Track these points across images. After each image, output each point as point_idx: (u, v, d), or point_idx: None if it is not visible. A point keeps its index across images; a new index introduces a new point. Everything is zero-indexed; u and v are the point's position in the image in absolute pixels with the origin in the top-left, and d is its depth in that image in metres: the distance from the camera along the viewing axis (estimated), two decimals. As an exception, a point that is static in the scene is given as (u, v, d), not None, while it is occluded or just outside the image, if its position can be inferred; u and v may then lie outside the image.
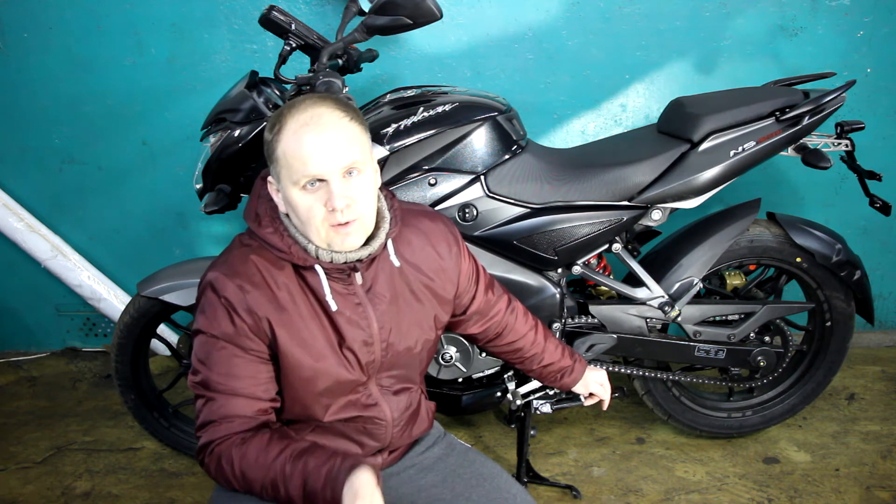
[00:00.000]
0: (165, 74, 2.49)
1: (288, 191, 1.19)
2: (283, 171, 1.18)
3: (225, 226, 2.71)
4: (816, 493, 2.03)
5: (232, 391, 1.20)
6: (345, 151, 1.17)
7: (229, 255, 1.26)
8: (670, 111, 2.04)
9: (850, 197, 2.62)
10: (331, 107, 1.19)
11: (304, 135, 1.16)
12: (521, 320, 1.61)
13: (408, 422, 1.42)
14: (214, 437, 1.20)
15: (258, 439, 1.19)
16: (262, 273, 1.23)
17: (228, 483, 1.20)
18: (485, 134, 1.87)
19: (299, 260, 1.23)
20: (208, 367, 1.21)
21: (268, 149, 1.21)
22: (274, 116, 1.21)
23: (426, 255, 1.37)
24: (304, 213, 1.19)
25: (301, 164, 1.15)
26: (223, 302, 1.20)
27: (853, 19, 2.44)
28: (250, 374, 1.22)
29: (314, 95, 1.23)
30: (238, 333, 1.20)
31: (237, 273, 1.22)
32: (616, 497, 2.03)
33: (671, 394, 2.19)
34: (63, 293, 2.79)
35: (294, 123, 1.17)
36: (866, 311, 2.15)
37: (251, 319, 1.21)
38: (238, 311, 1.20)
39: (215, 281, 1.21)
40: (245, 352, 1.21)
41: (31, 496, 2.07)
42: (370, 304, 1.30)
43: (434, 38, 2.43)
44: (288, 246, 1.23)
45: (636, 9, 2.41)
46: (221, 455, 1.19)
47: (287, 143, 1.17)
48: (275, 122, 1.19)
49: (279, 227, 1.25)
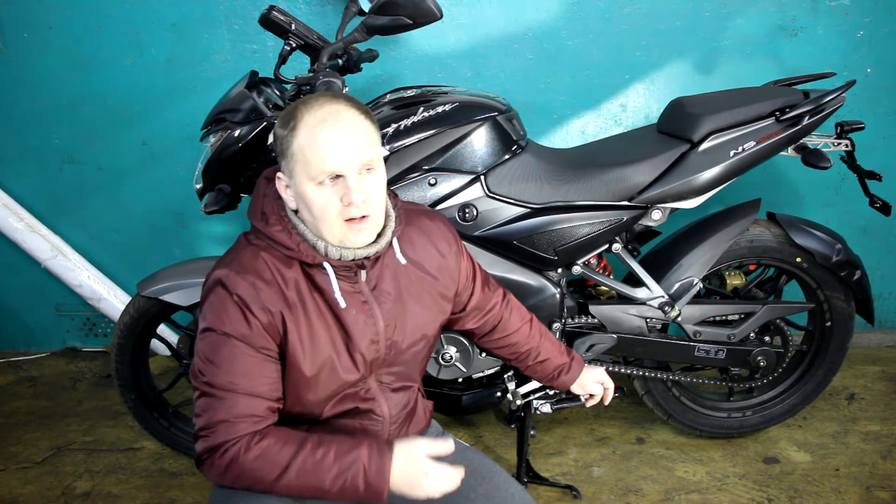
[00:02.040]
0: (165, 74, 2.49)
1: (302, 186, 1.19)
2: (298, 166, 1.19)
3: (225, 226, 2.71)
4: (816, 493, 2.03)
5: (243, 390, 1.19)
6: (362, 148, 1.19)
7: (238, 254, 1.25)
8: (670, 111, 2.04)
9: (850, 197, 2.62)
10: (347, 104, 1.21)
11: (322, 131, 1.17)
12: (516, 315, 1.61)
13: (405, 420, 1.42)
14: (228, 437, 1.17)
15: (274, 436, 1.19)
16: (272, 270, 1.23)
17: (236, 481, 1.19)
18: (485, 134, 1.87)
19: (308, 257, 1.23)
20: (217, 366, 1.19)
21: (281, 144, 1.21)
22: (287, 113, 1.21)
23: (428, 254, 1.39)
24: (318, 208, 1.19)
25: (320, 160, 1.17)
26: (235, 300, 1.19)
27: (853, 19, 2.44)
28: (262, 373, 1.21)
29: (327, 93, 1.23)
30: (251, 331, 1.20)
31: (248, 270, 1.21)
32: (616, 497, 2.03)
33: (671, 394, 2.19)
34: (63, 293, 2.79)
35: (312, 119, 1.18)
36: (866, 311, 2.15)
37: (265, 317, 1.20)
38: (252, 309, 1.19)
39: (226, 278, 1.20)
40: (257, 350, 1.21)
41: (31, 496, 2.07)
42: (376, 301, 1.30)
43: (434, 38, 2.43)
44: (296, 244, 1.23)
45: (636, 9, 2.41)
46: (237, 455, 1.17)
47: (305, 138, 1.17)
48: (289, 119, 1.20)
49: (287, 225, 1.25)
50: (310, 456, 1.17)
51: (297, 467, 1.16)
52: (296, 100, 1.81)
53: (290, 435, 1.20)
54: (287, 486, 1.17)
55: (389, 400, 1.38)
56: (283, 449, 1.17)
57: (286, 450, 1.17)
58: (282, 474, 1.16)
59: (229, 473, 1.18)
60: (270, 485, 1.17)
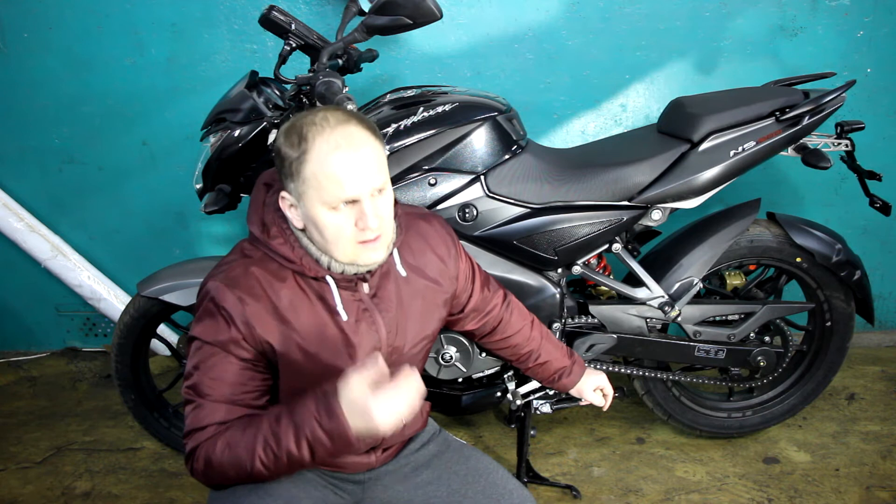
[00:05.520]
0: (165, 74, 2.49)
1: (314, 210, 1.18)
2: (310, 191, 1.16)
3: (225, 226, 2.71)
4: (816, 493, 2.03)
5: (222, 398, 1.20)
6: (376, 172, 1.18)
7: (230, 266, 1.25)
8: (670, 111, 2.04)
9: (850, 197, 2.62)
10: (358, 125, 1.18)
11: (338, 157, 1.14)
12: (517, 316, 1.61)
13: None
14: (200, 440, 1.19)
15: (236, 424, 1.19)
16: (262, 285, 1.23)
17: (221, 478, 1.19)
18: (485, 134, 1.87)
19: (310, 271, 1.23)
20: (201, 373, 1.21)
21: (290, 167, 1.17)
22: (295, 133, 1.17)
23: (427, 259, 1.39)
24: (332, 232, 1.19)
25: (337, 187, 1.15)
26: (222, 312, 1.21)
27: (853, 19, 2.44)
28: (242, 381, 1.22)
29: (336, 111, 1.19)
30: (232, 341, 1.21)
31: (237, 284, 1.22)
32: (616, 497, 2.03)
33: (671, 394, 2.19)
34: (63, 293, 2.79)
35: (326, 145, 1.14)
36: (866, 311, 2.15)
37: (247, 331, 1.21)
38: (235, 322, 1.20)
39: (215, 291, 1.21)
40: (240, 360, 1.22)
41: (31, 496, 2.07)
42: (377, 309, 1.30)
43: (434, 38, 2.43)
44: (299, 258, 1.23)
45: (636, 9, 2.41)
46: (208, 453, 1.18)
47: (319, 164, 1.15)
48: (298, 140, 1.16)
49: (290, 238, 1.24)
50: (268, 427, 1.15)
51: (261, 443, 1.15)
52: (295, 100, 1.82)
53: (251, 418, 1.19)
54: (265, 465, 1.15)
55: None
56: (245, 431, 1.17)
57: (248, 431, 1.17)
58: (253, 456, 1.15)
59: (211, 473, 1.19)
60: (250, 471, 1.16)
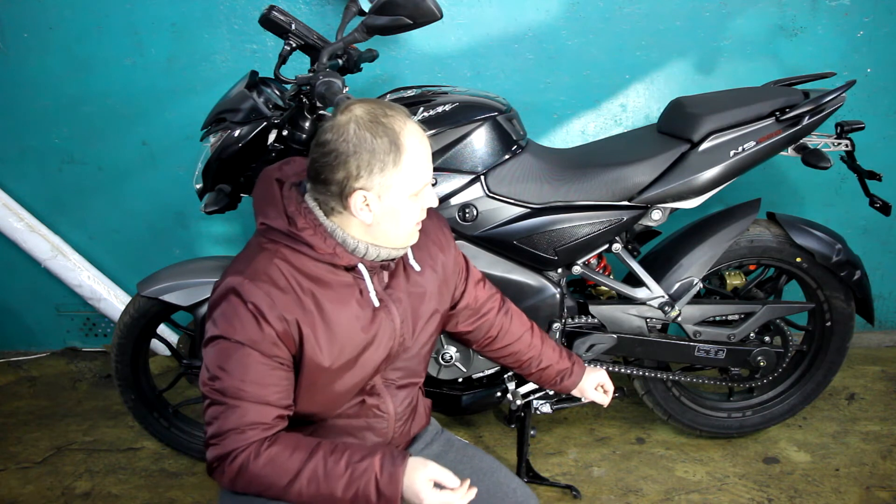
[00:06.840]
0: (165, 74, 2.49)
1: (401, 201, 1.22)
2: (404, 181, 1.21)
3: (225, 226, 2.70)
4: (816, 493, 2.03)
5: (254, 398, 1.18)
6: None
7: (252, 260, 1.22)
8: (670, 111, 2.04)
9: (850, 197, 2.62)
10: (408, 114, 1.25)
11: (422, 146, 1.23)
12: (517, 323, 1.61)
13: (408, 417, 1.44)
14: (237, 445, 1.17)
15: (283, 441, 1.19)
16: (286, 277, 1.21)
17: (247, 487, 1.19)
18: (485, 134, 1.87)
19: (344, 260, 1.24)
20: (229, 374, 1.18)
21: (384, 160, 1.18)
22: (379, 127, 1.18)
23: (428, 251, 1.41)
24: (408, 218, 1.25)
25: (424, 174, 1.23)
26: (250, 308, 1.17)
27: (853, 19, 2.44)
28: (273, 381, 1.20)
29: (394, 106, 1.22)
30: (264, 339, 1.18)
31: (263, 278, 1.19)
32: (616, 497, 2.03)
33: (671, 394, 2.19)
34: (63, 293, 2.79)
35: (413, 138, 1.21)
36: (866, 311, 2.15)
37: (280, 325, 1.19)
38: (266, 317, 1.18)
39: (240, 286, 1.18)
40: (269, 358, 1.19)
41: (31, 496, 2.07)
42: (390, 299, 1.32)
43: (434, 38, 2.43)
44: (332, 247, 1.23)
45: (636, 9, 2.41)
46: (247, 462, 1.17)
47: (414, 153, 1.21)
48: (390, 134, 1.17)
49: (319, 229, 1.24)
50: (321, 463, 1.17)
51: (308, 474, 1.17)
52: (296, 100, 1.82)
53: (301, 441, 1.20)
54: (298, 492, 1.17)
55: (395, 397, 1.39)
56: (292, 455, 1.17)
57: (296, 456, 1.17)
58: (292, 481, 1.17)
59: (240, 480, 1.18)
60: (281, 491, 1.17)
